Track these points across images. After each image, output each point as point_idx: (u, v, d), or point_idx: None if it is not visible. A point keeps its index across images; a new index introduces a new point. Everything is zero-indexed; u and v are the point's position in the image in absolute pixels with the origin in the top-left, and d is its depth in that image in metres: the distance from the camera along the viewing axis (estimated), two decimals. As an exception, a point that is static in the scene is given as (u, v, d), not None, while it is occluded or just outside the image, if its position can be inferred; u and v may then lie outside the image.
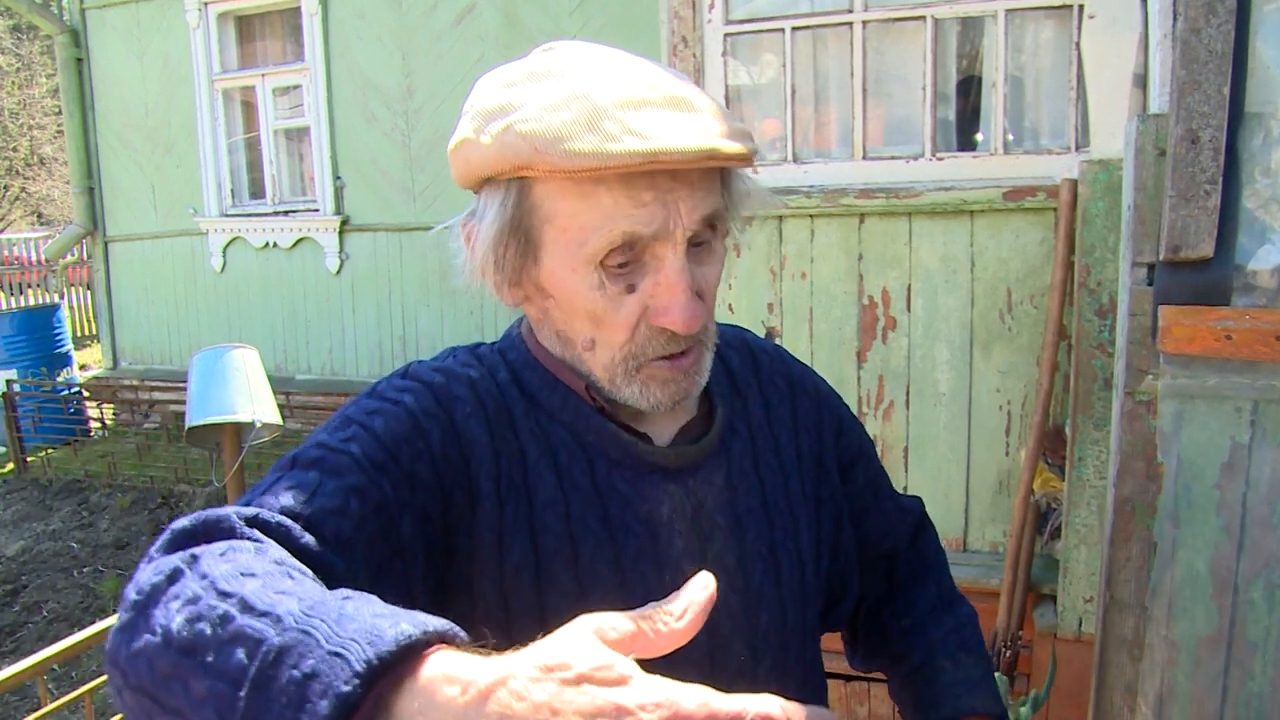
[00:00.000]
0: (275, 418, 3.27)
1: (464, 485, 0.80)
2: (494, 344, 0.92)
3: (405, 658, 0.47)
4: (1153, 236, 1.54)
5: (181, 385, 5.62)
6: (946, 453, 2.89)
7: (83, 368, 9.03)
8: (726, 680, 0.86)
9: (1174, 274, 1.50)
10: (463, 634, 0.51)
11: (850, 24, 2.98)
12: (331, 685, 0.46)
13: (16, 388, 6.83)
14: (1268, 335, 1.42)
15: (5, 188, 16.80)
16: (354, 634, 0.48)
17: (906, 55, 3.00)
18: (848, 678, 2.93)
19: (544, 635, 0.78)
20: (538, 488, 0.82)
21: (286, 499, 0.71)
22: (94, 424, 7.23)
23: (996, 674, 2.38)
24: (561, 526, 0.81)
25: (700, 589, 0.52)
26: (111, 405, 7.28)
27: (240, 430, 3.25)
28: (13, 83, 16.49)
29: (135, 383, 7.21)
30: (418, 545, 0.76)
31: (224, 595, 0.53)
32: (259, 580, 0.55)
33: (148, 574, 0.58)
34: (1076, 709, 2.49)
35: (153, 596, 0.56)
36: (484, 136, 0.77)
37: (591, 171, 0.72)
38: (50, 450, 6.65)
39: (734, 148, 0.76)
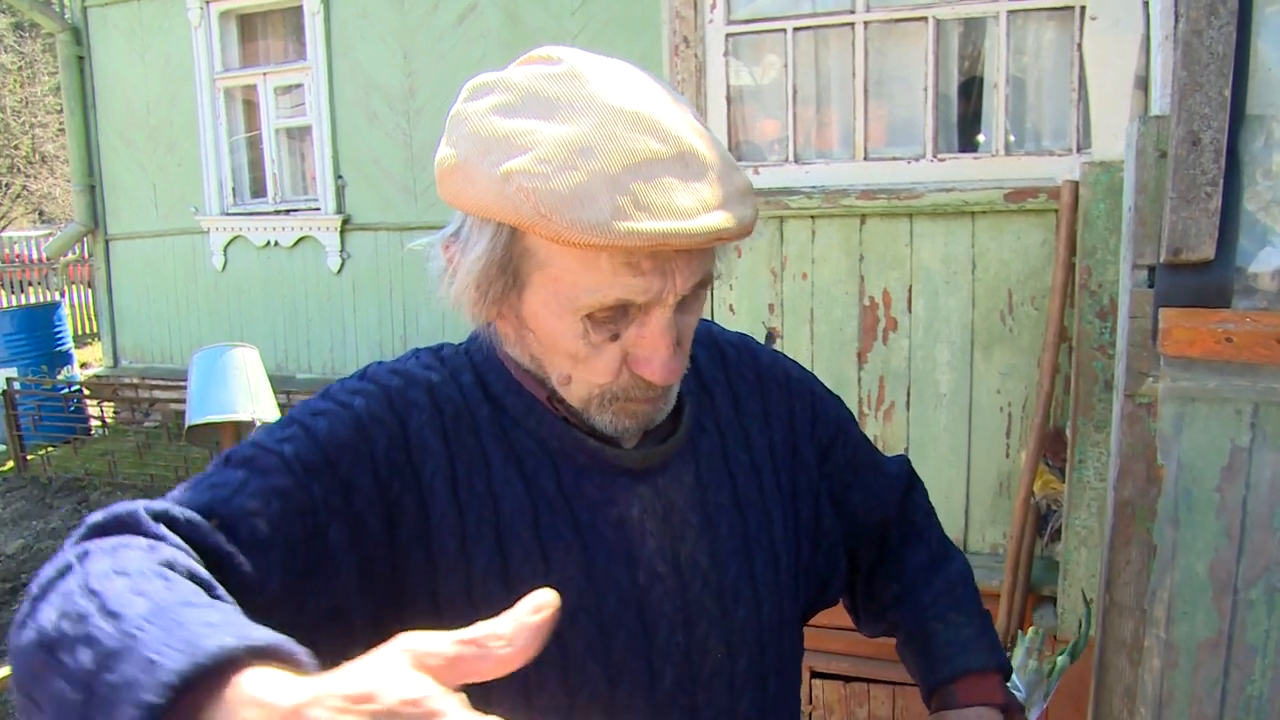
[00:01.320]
0: (275, 417, 3.26)
1: (414, 492, 0.79)
2: (460, 345, 0.90)
3: (222, 671, 0.45)
4: (1153, 238, 1.54)
5: (182, 384, 5.62)
6: (947, 454, 2.88)
7: (83, 366, 9.04)
8: (705, 678, 0.86)
9: (1175, 276, 1.50)
10: (297, 650, 0.49)
11: (852, 24, 2.98)
12: (140, 694, 0.45)
13: (17, 386, 6.83)
14: (1268, 338, 1.42)
15: (6, 185, 16.81)
16: (176, 642, 0.47)
17: (908, 56, 3.00)
18: (847, 679, 2.93)
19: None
20: (504, 494, 0.81)
21: (206, 496, 0.70)
22: (94, 422, 7.23)
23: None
24: (530, 533, 0.81)
25: (531, 610, 0.48)
26: (112, 404, 7.28)
27: (241, 429, 3.25)
28: (15, 80, 16.51)
29: (136, 381, 7.21)
30: (348, 554, 0.74)
31: (90, 594, 0.53)
32: (128, 580, 0.54)
33: (48, 568, 0.58)
34: (1076, 712, 2.49)
35: (43, 592, 0.56)
36: (481, 175, 0.73)
37: (594, 248, 0.71)
38: (50, 448, 6.65)
39: (741, 223, 0.74)
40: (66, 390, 7.39)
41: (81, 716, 0.47)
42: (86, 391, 7.36)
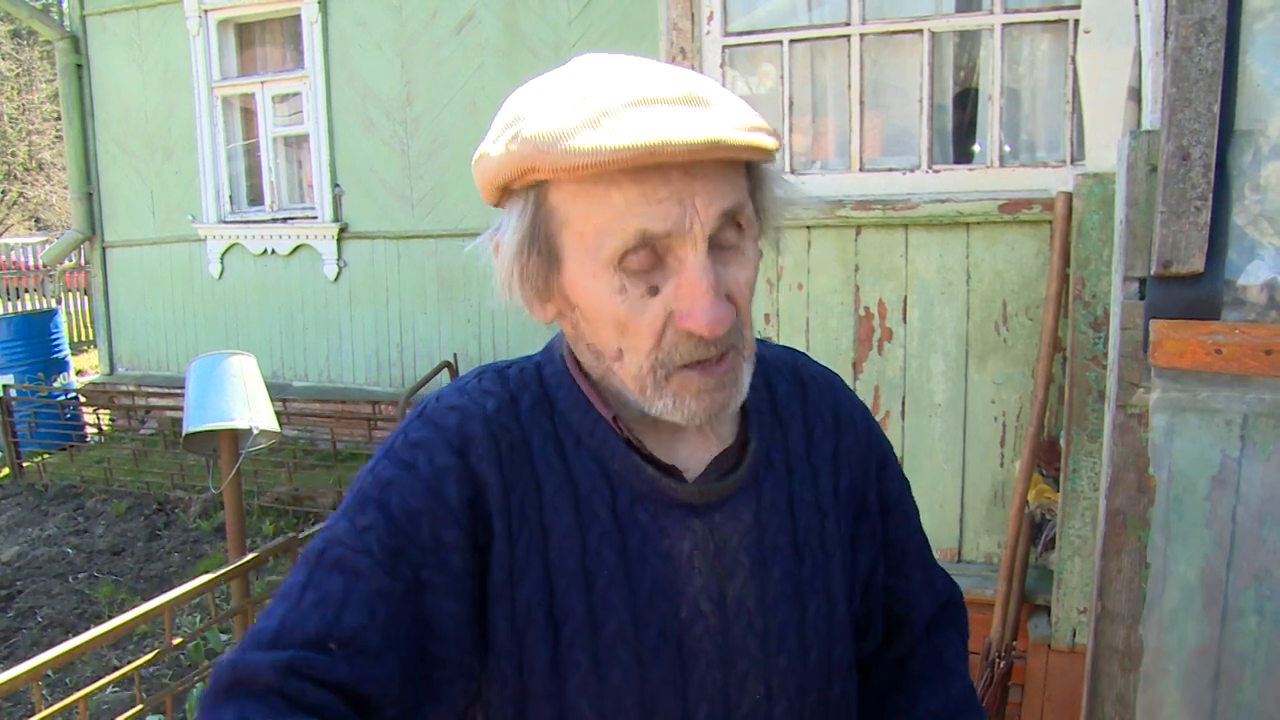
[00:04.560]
0: (273, 425, 3.26)
1: (484, 524, 0.80)
2: (533, 357, 0.90)
3: None
4: (1144, 251, 1.56)
5: (179, 391, 5.62)
6: (942, 464, 2.90)
7: (80, 373, 9.02)
8: (740, 717, 0.85)
9: (1165, 288, 1.51)
10: None
11: (848, 36, 3.00)
12: None
13: (13, 393, 6.82)
14: (1257, 349, 1.44)
15: (4, 192, 16.81)
16: None
17: (904, 68, 3.02)
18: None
19: (557, 670, 0.80)
20: (553, 523, 0.81)
21: (315, 621, 0.74)
22: (90, 429, 7.22)
23: None
24: (576, 560, 0.81)
25: None
26: (108, 411, 7.28)
27: (237, 437, 3.25)
28: (12, 88, 16.52)
29: (132, 388, 7.21)
30: (454, 605, 0.78)
31: None
32: None
33: None
34: (1069, 719, 2.49)
35: None
36: (496, 147, 0.77)
37: (592, 168, 0.70)
38: (46, 455, 6.64)
39: (745, 139, 0.73)
40: (63, 397, 7.38)
41: None
42: (83, 398, 7.36)
